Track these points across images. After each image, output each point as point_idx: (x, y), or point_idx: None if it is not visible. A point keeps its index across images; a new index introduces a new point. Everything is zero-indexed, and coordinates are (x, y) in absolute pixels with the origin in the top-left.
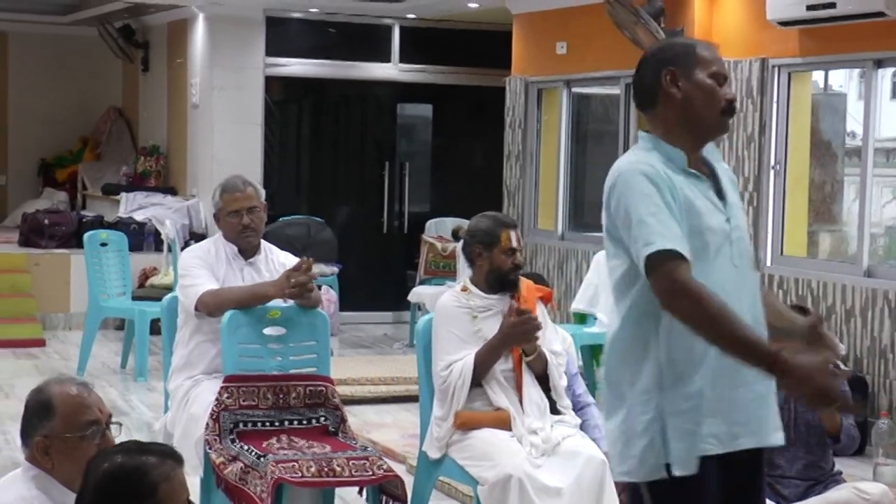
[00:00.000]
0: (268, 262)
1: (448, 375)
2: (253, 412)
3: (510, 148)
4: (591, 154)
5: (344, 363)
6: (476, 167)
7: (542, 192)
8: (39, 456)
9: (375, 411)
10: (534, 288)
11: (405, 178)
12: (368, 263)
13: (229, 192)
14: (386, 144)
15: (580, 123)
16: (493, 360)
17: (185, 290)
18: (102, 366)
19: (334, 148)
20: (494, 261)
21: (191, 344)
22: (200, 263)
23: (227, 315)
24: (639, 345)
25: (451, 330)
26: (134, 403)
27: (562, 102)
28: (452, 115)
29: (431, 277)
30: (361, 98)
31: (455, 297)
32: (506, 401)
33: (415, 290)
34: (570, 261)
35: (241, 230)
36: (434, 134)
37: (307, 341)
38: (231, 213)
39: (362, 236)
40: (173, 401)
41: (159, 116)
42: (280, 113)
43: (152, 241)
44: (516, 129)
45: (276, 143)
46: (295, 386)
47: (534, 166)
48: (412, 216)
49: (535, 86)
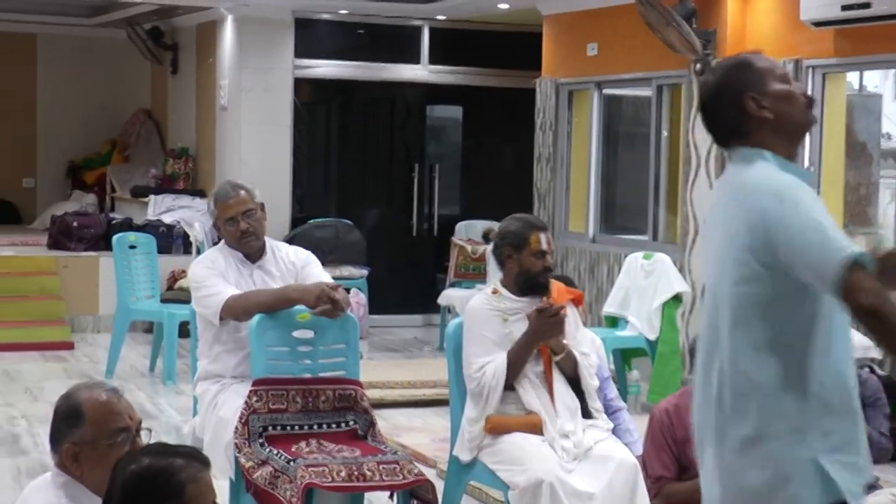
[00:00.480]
0: (277, 261)
1: (482, 377)
2: (282, 416)
3: (540, 150)
4: (622, 156)
5: (373, 366)
6: (506, 169)
7: (572, 194)
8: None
9: (405, 415)
10: (564, 290)
11: (434, 181)
12: (397, 266)
13: (222, 200)
14: (415, 146)
15: (611, 125)
16: (524, 357)
17: (204, 300)
18: (131, 369)
19: (363, 150)
20: (524, 263)
21: (211, 355)
22: (213, 272)
23: (256, 319)
24: (782, 376)
25: (482, 332)
26: (163, 407)
27: (592, 104)
28: (482, 116)
29: (461, 280)
30: (391, 100)
31: (485, 300)
32: (538, 402)
33: (444, 292)
34: (601, 264)
35: (240, 236)
36: (464, 136)
37: (336, 344)
38: (227, 220)
39: (391, 239)
40: (201, 404)
41: (188, 118)
42: (308, 115)
43: (181, 243)
44: (546, 130)
45: (305, 144)
46: (324, 389)
47: (564, 169)
48: (441, 219)
49: (566, 87)
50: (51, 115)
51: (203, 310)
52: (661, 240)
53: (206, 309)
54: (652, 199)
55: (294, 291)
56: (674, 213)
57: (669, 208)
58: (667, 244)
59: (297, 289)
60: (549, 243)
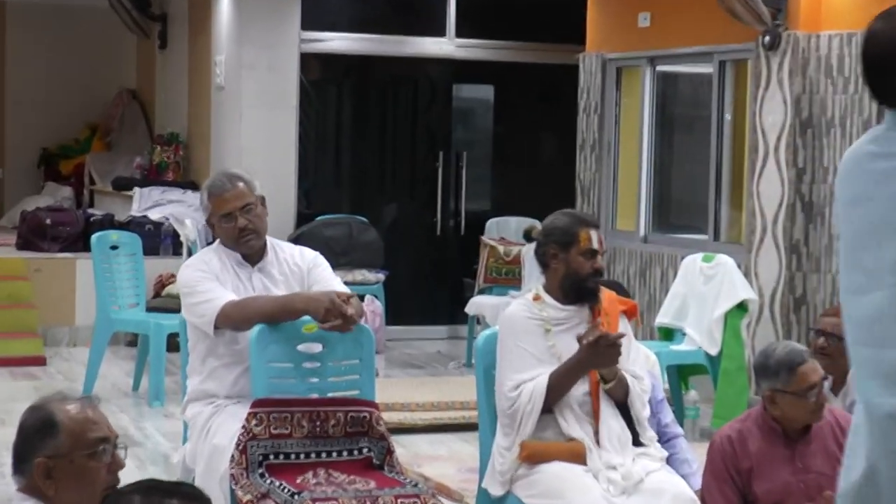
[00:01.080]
0: (279, 263)
1: (517, 398)
2: (285, 442)
3: (584, 136)
4: (678, 143)
5: (391, 385)
6: (544, 159)
7: (621, 187)
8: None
9: (428, 441)
10: (616, 300)
11: (462, 171)
12: (419, 269)
13: (216, 193)
14: (440, 132)
15: (666, 107)
16: (567, 385)
17: (197, 308)
18: (112, 388)
19: (380, 136)
20: (571, 264)
21: (204, 371)
22: (205, 276)
23: (256, 330)
24: None
25: (520, 345)
26: (149, 432)
27: (644, 83)
28: (517, 97)
29: (492, 286)
30: (412, 78)
31: (526, 307)
32: (580, 431)
33: (473, 300)
34: (654, 267)
35: (238, 235)
36: (495, 120)
37: (348, 360)
38: (223, 216)
39: (412, 238)
40: (192, 430)
41: (179, 100)
42: (318, 95)
43: (170, 243)
44: (591, 114)
45: (313, 130)
46: (334, 412)
47: (612, 157)
48: (470, 215)
49: (614, 64)
50: (21, 96)
51: (195, 319)
52: (723, 239)
53: (198, 318)
54: (713, 192)
55: (300, 301)
56: (738, 208)
57: (733, 203)
58: (730, 244)
59: (304, 298)
60: (600, 242)
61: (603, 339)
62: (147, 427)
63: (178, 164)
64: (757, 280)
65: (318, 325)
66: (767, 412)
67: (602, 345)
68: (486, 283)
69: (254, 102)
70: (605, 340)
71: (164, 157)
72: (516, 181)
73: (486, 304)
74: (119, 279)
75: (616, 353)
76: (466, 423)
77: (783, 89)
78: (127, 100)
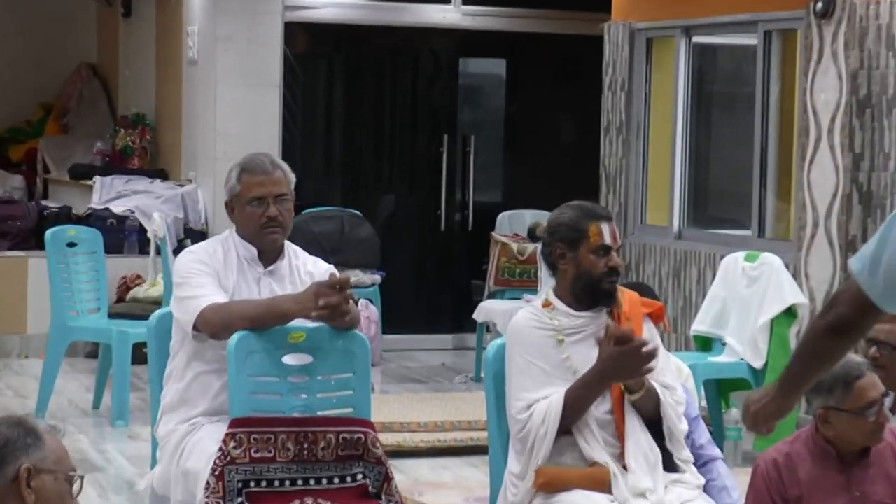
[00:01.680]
0: (292, 270)
1: (528, 419)
2: (268, 467)
3: (609, 117)
4: (717, 125)
5: (389, 403)
6: (563, 143)
7: (651, 176)
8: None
9: (430, 466)
10: (639, 302)
11: (469, 158)
12: (421, 270)
13: (252, 173)
14: (444, 113)
15: (703, 84)
16: (587, 401)
17: (183, 303)
18: (69, 405)
19: (376, 118)
20: (582, 263)
21: (187, 375)
22: (203, 269)
23: (236, 338)
24: None
25: (530, 359)
26: (111, 455)
27: (679, 56)
28: (532, 73)
29: (504, 289)
30: (413, 52)
31: (534, 315)
32: (603, 453)
33: (482, 305)
34: (690, 267)
35: (265, 223)
36: (508, 99)
37: (341, 373)
38: (253, 200)
39: (413, 234)
40: (163, 451)
41: (145, 76)
42: (304, 72)
43: (136, 240)
44: (617, 91)
45: (300, 111)
46: (324, 432)
47: (641, 142)
48: (479, 208)
49: (643, 34)
50: None
51: (180, 315)
52: (768, 235)
53: (183, 314)
54: (757, 181)
55: (288, 302)
56: (786, 200)
57: (780, 194)
58: (777, 241)
59: (290, 298)
60: (613, 236)
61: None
62: (109, 450)
63: (144, 149)
64: (807, 282)
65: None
66: (819, 433)
67: (627, 346)
68: (498, 286)
69: (231, 79)
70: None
71: (129, 142)
72: (532, 169)
73: (497, 309)
74: (77, 281)
75: (642, 360)
76: (474, 446)
77: (838, 63)
78: (86, 76)
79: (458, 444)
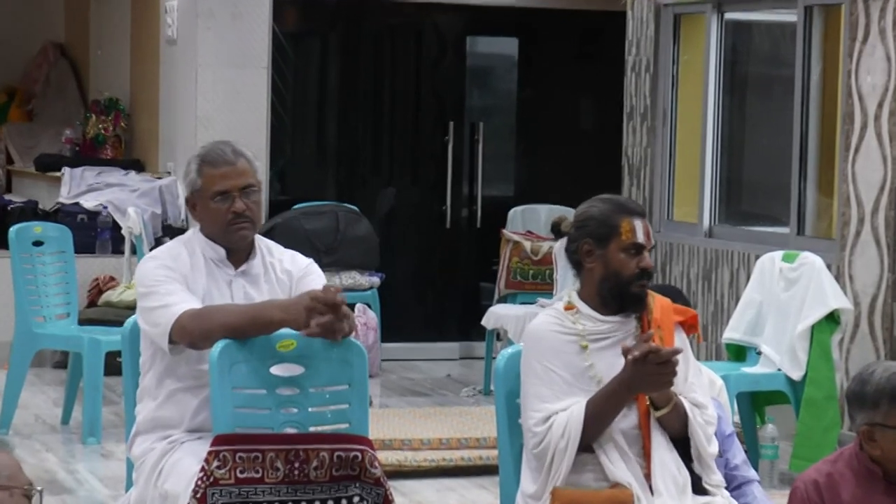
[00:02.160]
0: (266, 268)
1: (546, 433)
2: (255, 489)
3: (633, 102)
4: (752, 111)
5: (389, 418)
6: (582, 131)
7: (679, 167)
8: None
9: (435, 488)
10: (671, 308)
11: (478, 147)
12: (424, 272)
13: (213, 165)
14: (450, 97)
15: (737, 65)
16: (610, 415)
17: (153, 314)
18: (36, 420)
19: (375, 103)
20: (611, 262)
21: (160, 395)
22: (169, 275)
23: (218, 347)
24: None
25: (550, 367)
26: (82, 476)
27: (710, 34)
28: (547, 53)
29: (516, 292)
30: (415, 29)
31: (556, 319)
32: (627, 473)
33: (492, 310)
34: (721, 268)
35: (232, 220)
36: (520, 82)
37: (335, 385)
38: (216, 195)
39: (415, 232)
40: (139, 472)
41: (119, 57)
42: (295, 52)
43: (108, 238)
44: (642, 73)
45: (290, 95)
46: (317, 451)
47: (668, 129)
48: (488, 202)
49: (671, 10)
50: None
51: (150, 328)
52: (808, 233)
53: (152, 327)
54: (796, 173)
55: (276, 309)
56: (828, 194)
57: (822, 187)
58: (818, 240)
59: (279, 305)
60: (647, 234)
61: (653, 354)
62: (80, 470)
63: (118, 137)
64: (851, 284)
65: (301, 334)
66: (864, 451)
67: (652, 362)
68: (509, 289)
69: (214, 60)
70: (656, 357)
71: (101, 130)
72: (546, 160)
73: (508, 315)
74: (44, 283)
75: (670, 372)
76: (484, 466)
77: (886, 43)
78: (53, 57)
79: (466, 463)
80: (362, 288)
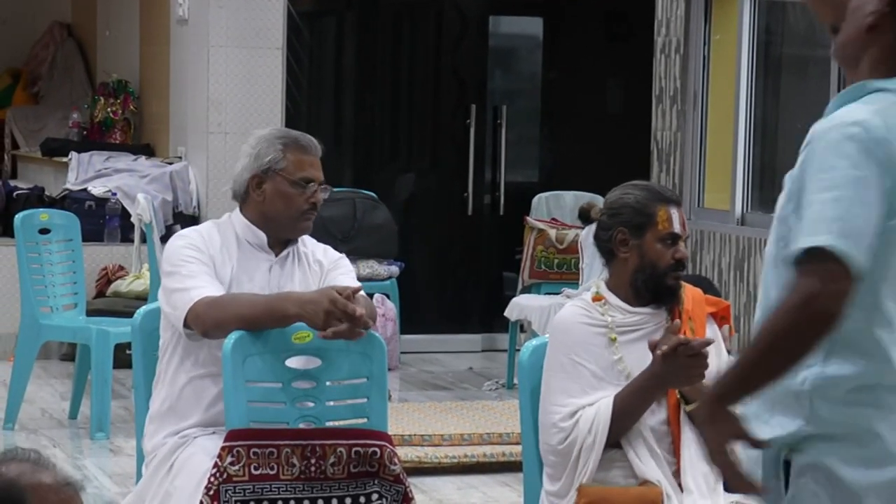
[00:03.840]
0: (300, 258)
1: (572, 428)
2: (270, 485)
3: (662, 84)
4: (787, 93)
5: (408, 412)
6: (609, 114)
7: (710, 152)
8: None
9: (456, 485)
10: (703, 300)
11: (501, 131)
12: (444, 261)
13: (305, 151)
14: (472, 79)
15: (771, 46)
16: (639, 410)
17: (173, 296)
18: (42, 415)
19: (393, 85)
20: (647, 252)
21: (179, 380)
22: (197, 256)
23: (232, 339)
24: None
25: (577, 359)
26: (90, 472)
27: (742, 13)
28: (572, 34)
29: (540, 282)
30: (436, 7)
31: (584, 310)
32: (657, 470)
33: (515, 301)
34: (754, 257)
35: (307, 210)
36: (545, 63)
37: (353, 379)
38: (302, 180)
39: (435, 219)
40: (148, 466)
41: (128, 38)
42: (311, 32)
43: (117, 225)
44: (671, 54)
45: (305, 77)
46: (334, 446)
47: (699, 113)
48: (512, 189)
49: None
50: None
51: (169, 309)
52: None
53: (173, 309)
54: None
55: (293, 303)
56: None
57: None
58: None
59: (296, 299)
60: (683, 223)
61: (683, 347)
62: (88, 466)
63: (127, 121)
64: None
65: (315, 334)
66: None
67: (682, 355)
68: (533, 279)
69: (226, 41)
70: (687, 349)
71: (110, 113)
72: (572, 145)
73: (532, 306)
74: (51, 273)
75: (701, 365)
76: (507, 462)
77: None
78: (60, 37)
79: (488, 459)
80: (380, 278)
